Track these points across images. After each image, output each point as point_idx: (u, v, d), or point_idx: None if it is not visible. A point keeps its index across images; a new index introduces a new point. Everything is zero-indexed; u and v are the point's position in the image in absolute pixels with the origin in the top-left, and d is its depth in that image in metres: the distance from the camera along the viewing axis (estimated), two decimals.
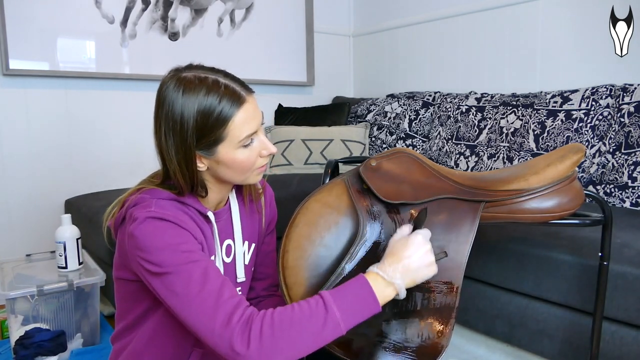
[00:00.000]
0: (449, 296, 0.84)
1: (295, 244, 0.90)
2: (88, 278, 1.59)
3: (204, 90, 0.80)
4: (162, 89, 0.83)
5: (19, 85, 2.03)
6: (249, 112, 0.83)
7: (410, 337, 0.83)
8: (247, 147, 0.85)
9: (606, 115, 1.71)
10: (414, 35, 2.65)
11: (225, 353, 0.72)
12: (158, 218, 0.79)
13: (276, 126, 2.64)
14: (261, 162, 0.88)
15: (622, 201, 1.58)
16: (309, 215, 0.93)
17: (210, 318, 0.73)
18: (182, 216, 0.82)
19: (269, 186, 1.08)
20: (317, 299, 0.75)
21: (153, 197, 0.83)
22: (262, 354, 0.71)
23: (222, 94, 0.81)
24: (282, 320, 0.72)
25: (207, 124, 0.80)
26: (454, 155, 2.12)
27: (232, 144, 0.83)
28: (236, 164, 0.85)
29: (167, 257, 0.76)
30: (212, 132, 0.81)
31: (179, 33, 2.38)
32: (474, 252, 0.86)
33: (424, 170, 0.95)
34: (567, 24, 2.01)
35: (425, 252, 0.80)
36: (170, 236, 0.78)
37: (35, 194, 2.09)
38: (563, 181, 0.91)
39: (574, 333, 1.22)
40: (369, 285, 0.76)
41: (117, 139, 2.22)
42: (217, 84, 0.81)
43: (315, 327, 0.72)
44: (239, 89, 0.84)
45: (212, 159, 0.85)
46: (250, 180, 0.90)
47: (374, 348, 0.83)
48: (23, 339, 1.47)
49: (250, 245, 1.01)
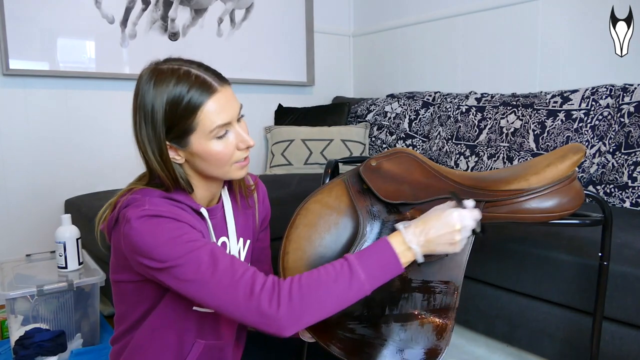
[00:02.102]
0: (448, 297, 0.84)
1: (295, 245, 0.90)
2: (88, 278, 1.59)
3: (174, 80, 0.81)
4: (138, 80, 0.85)
5: (19, 85, 2.03)
6: (221, 102, 0.82)
7: (410, 339, 0.83)
8: (222, 139, 0.83)
9: (606, 115, 1.71)
10: (414, 35, 2.65)
11: (256, 321, 0.74)
12: (154, 215, 0.79)
13: (276, 126, 2.64)
14: (240, 156, 0.86)
15: (622, 201, 1.58)
16: (309, 217, 0.92)
17: (232, 295, 0.75)
18: (177, 211, 0.82)
19: (262, 182, 1.07)
20: (341, 262, 0.77)
21: (145, 196, 0.83)
22: (292, 313, 0.73)
23: (192, 83, 0.81)
24: (309, 283, 0.75)
25: (176, 113, 0.80)
26: (454, 155, 2.12)
27: (204, 134, 0.82)
28: (211, 157, 0.83)
29: (171, 251, 0.77)
30: (181, 122, 0.81)
31: (179, 33, 2.38)
32: (474, 252, 0.86)
33: (424, 170, 0.95)
34: (567, 24, 2.01)
35: (453, 231, 0.79)
36: (170, 230, 0.78)
37: (35, 194, 2.09)
38: (563, 181, 0.91)
39: (574, 333, 1.22)
40: (391, 247, 0.77)
41: (117, 139, 2.22)
42: (188, 74, 0.82)
43: (342, 288, 0.75)
44: (211, 79, 0.83)
45: (187, 151, 0.84)
46: (232, 175, 0.88)
47: (374, 350, 0.83)
48: (23, 339, 1.47)
49: (245, 241, 1.00)
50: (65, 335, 1.55)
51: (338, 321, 0.84)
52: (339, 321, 0.84)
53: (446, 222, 0.79)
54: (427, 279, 0.86)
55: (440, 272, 0.84)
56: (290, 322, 0.73)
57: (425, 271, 0.86)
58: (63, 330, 1.56)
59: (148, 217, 0.78)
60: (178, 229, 0.79)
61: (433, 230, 0.79)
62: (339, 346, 0.82)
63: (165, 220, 0.79)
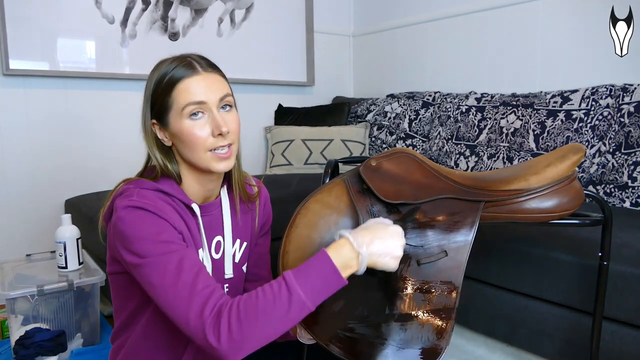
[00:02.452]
0: (448, 297, 0.84)
1: (295, 244, 0.90)
2: (88, 278, 1.59)
3: (169, 61, 0.87)
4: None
5: (19, 85, 2.03)
6: (200, 83, 0.84)
7: (410, 339, 0.82)
8: (195, 120, 0.84)
9: (606, 115, 1.71)
10: (414, 35, 2.65)
11: (201, 344, 0.74)
12: (138, 207, 0.80)
13: (276, 126, 2.64)
14: (213, 142, 0.85)
15: (622, 201, 1.58)
16: (309, 216, 0.92)
17: (185, 310, 0.74)
18: (163, 206, 0.83)
19: (265, 187, 1.07)
20: (279, 282, 0.75)
21: (137, 186, 0.85)
22: (233, 345, 0.72)
23: (179, 63, 0.85)
24: (247, 310, 0.73)
25: (159, 89, 0.85)
26: (454, 155, 2.12)
27: (178, 112, 0.84)
28: (184, 136, 0.84)
29: (145, 247, 0.78)
30: (160, 98, 0.85)
31: (179, 33, 2.38)
32: (474, 252, 0.86)
33: (424, 170, 0.95)
34: (567, 24, 2.01)
35: (399, 245, 0.78)
36: (149, 225, 0.79)
37: (35, 194, 2.09)
38: (563, 181, 0.91)
39: (574, 333, 1.22)
40: (330, 261, 0.75)
41: (117, 139, 2.22)
42: (182, 58, 0.87)
43: (281, 310, 0.73)
44: (197, 64, 0.86)
45: (168, 132, 0.87)
46: (210, 165, 0.86)
47: (373, 349, 0.82)
48: (23, 339, 1.47)
49: (242, 243, 1.00)
50: (65, 335, 1.55)
51: (338, 321, 0.84)
52: (339, 321, 0.84)
53: (392, 235, 0.78)
54: (427, 280, 0.85)
55: (440, 273, 0.84)
56: (232, 353, 0.72)
57: (424, 272, 0.86)
58: (63, 330, 1.56)
59: (132, 207, 0.80)
60: (156, 225, 0.80)
61: (378, 240, 0.77)
62: (338, 345, 0.82)
63: (146, 214, 0.80)
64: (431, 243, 0.87)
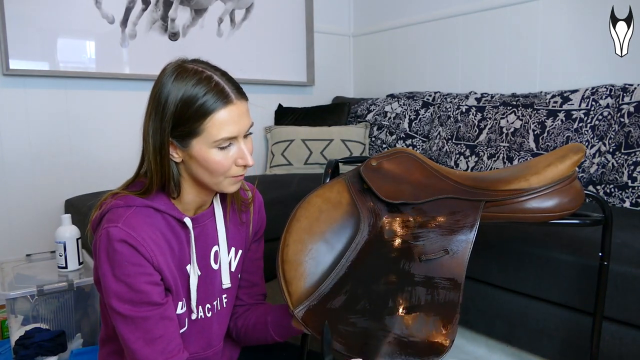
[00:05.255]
0: (452, 292, 0.83)
1: (296, 237, 0.90)
2: (88, 278, 1.59)
3: (194, 80, 0.81)
4: (161, 72, 0.85)
5: (19, 85, 2.03)
6: (233, 115, 0.81)
7: (414, 332, 0.80)
8: (223, 150, 0.82)
9: (606, 115, 1.71)
10: (414, 35, 2.65)
11: None
12: (121, 240, 0.79)
13: (276, 126, 2.64)
14: (236, 171, 0.85)
15: (622, 201, 1.58)
16: (311, 210, 0.92)
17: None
18: (148, 235, 0.81)
19: (259, 193, 1.05)
20: None
21: (126, 204, 0.83)
22: None
23: (210, 88, 0.80)
24: None
25: (186, 113, 0.80)
26: (454, 155, 2.12)
27: (207, 142, 0.81)
28: (208, 164, 0.82)
29: (117, 294, 0.80)
30: (188, 123, 0.80)
31: (179, 33, 2.38)
32: (474, 252, 0.86)
33: (424, 170, 0.96)
34: (567, 24, 2.01)
35: None
36: (125, 267, 0.79)
37: (35, 194, 2.09)
38: (563, 181, 0.91)
39: (574, 333, 1.22)
40: None
41: (117, 139, 2.22)
42: (209, 79, 0.81)
43: None
44: (230, 90, 0.82)
45: (186, 152, 0.83)
46: (223, 187, 0.86)
47: (377, 341, 0.80)
48: (23, 339, 1.47)
49: (237, 251, 0.99)
50: (65, 335, 1.55)
51: (339, 316, 0.83)
52: (341, 316, 0.83)
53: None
54: (429, 275, 0.85)
55: (442, 269, 0.83)
56: None
57: (427, 267, 0.85)
58: (63, 330, 1.56)
59: (115, 240, 0.79)
60: (134, 266, 0.79)
61: None
62: (340, 341, 0.81)
63: (127, 252, 0.79)
64: (432, 242, 0.87)
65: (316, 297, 0.85)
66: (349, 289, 0.85)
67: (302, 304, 0.85)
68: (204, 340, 0.94)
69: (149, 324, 0.81)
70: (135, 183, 0.89)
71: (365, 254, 0.88)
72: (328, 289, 0.86)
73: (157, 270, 0.82)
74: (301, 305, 0.85)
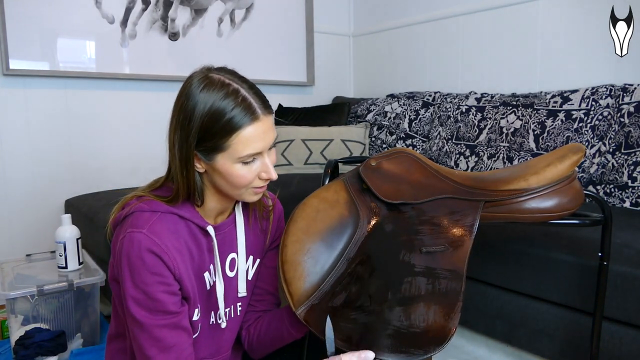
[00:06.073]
0: (454, 281, 0.81)
1: (294, 237, 0.90)
2: (88, 278, 1.59)
3: (222, 94, 0.79)
4: (187, 81, 0.83)
5: (19, 85, 2.03)
6: (258, 131, 0.81)
7: (414, 323, 0.78)
8: (247, 165, 0.82)
9: (606, 115, 1.71)
10: (414, 35, 2.65)
11: None
12: (147, 248, 0.79)
13: (276, 126, 2.63)
14: (259, 184, 0.86)
15: (622, 201, 1.58)
16: (307, 210, 0.92)
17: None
18: (172, 244, 0.81)
19: (279, 202, 1.05)
20: None
21: (151, 209, 0.83)
22: None
23: (238, 103, 0.79)
24: None
25: (212, 128, 0.79)
26: (454, 155, 2.12)
27: (232, 157, 0.81)
28: (232, 178, 0.82)
29: (134, 298, 0.80)
30: (214, 138, 0.79)
31: (179, 33, 2.38)
32: (474, 252, 0.86)
33: (424, 170, 0.96)
34: (567, 24, 2.01)
35: None
36: (145, 275, 0.79)
37: (35, 194, 2.09)
38: (563, 181, 0.91)
39: (574, 333, 1.22)
40: None
41: (117, 139, 2.22)
42: (237, 93, 0.80)
43: None
44: (257, 105, 0.81)
45: (210, 165, 0.83)
46: (245, 198, 0.87)
47: (377, 335, 0.79)
48: (23, 339, 1.47)
49: (255, 260, 0.99)
50: (65, 335, 1.55)
51: (340, 313, 0.82)
52: (341, 313, 0.82)
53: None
54: (430, 266, 0.83)
55: (443, 261, 0.82)
56: None
57: (428, 258, 0.84)
58: (63, 330, 1.56)
59: (139, 247, 0.78)
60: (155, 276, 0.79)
61: None
62: (340, 337, 0.80)
63: (149, 260, 0.79)
64: (432, 237, 0.87)
65: (317, 296, 0.85)
66: (349, 285, 0.84)
67: (303, 304, 0.85)
68: (214, 346, 0.94)
69: (163, 333, 0.81)
70: (162, 188, 0.89)
71: (365, 250, 0.88)
72: (329, 286, 0.86)
73: (177, 280, 0.82)
74: (303, 305, 0.85)
